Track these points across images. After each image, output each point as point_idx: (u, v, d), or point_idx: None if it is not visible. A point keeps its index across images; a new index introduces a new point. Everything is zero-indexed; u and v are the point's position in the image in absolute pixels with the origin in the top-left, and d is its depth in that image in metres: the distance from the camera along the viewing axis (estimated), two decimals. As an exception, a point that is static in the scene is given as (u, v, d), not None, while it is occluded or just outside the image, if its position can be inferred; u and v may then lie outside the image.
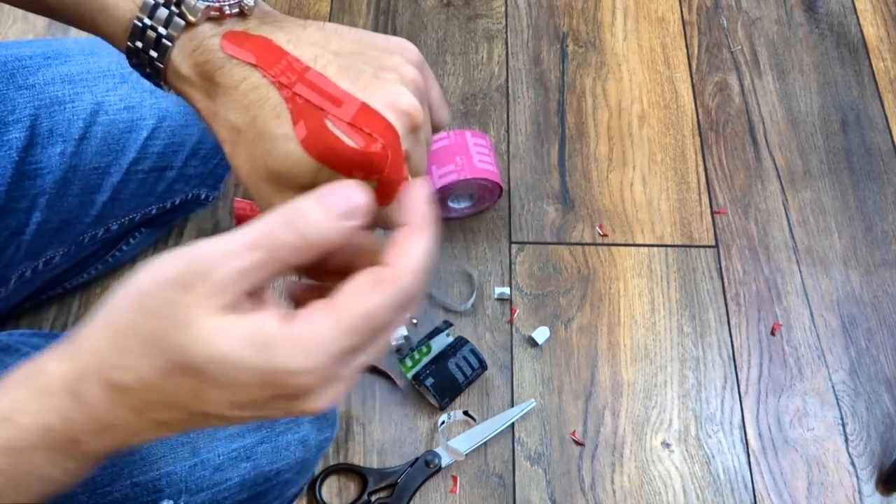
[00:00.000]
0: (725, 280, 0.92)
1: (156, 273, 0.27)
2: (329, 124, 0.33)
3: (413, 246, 0.29)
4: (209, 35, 0.34)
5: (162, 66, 0.35)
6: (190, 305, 0.26)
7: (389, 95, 0.33)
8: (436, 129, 0.39)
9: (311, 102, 0.33)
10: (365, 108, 0.33)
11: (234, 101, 0.34)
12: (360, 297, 0.27)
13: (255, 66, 0.33)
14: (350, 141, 0.32)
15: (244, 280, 0.27)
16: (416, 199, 0.31)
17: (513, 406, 0.84)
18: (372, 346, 0.29)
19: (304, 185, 0.33)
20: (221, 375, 0.26)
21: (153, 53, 0.35)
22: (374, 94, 0.33)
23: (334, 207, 0.28)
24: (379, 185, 0.34)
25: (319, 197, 0.28)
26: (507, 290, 0.89)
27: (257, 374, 0.26)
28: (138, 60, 0.36)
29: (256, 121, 0.33)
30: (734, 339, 0.89)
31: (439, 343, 0.82)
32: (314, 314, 0.27)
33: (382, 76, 0.34)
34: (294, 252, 0.27)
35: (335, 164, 0.33)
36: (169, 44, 0.35)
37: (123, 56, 0.36)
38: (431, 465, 0.79)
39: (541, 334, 0.86)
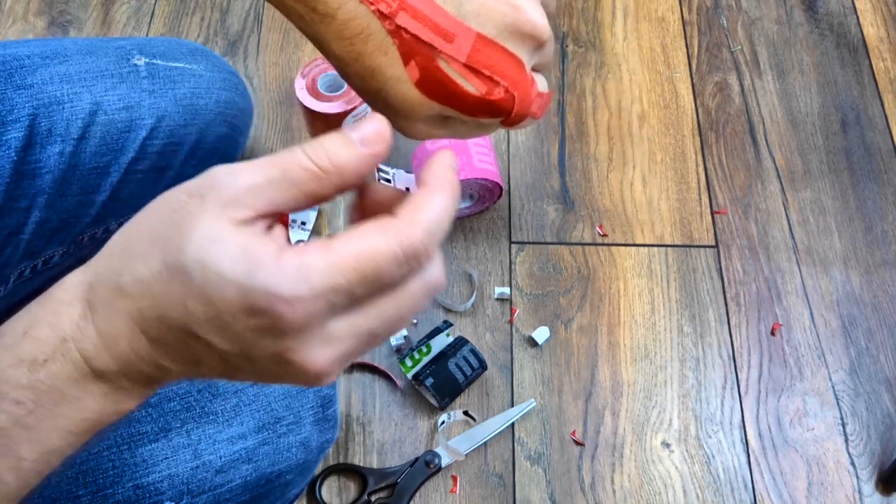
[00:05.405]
0: (725, 280, 0.92)
1: (180, 186, 0.27)
2: (443, 65, 0.29)
3: (426, 202, 0.26)
4: None
5: None
6: (197, 212, 0.26)
7: (507, 17, 0.29)
8: None
9: (419, 38, 0.29)
10: (481, 41, 0.29)
11: (333, 31, 0.30)
12: (357, 237, 0.25)
13: None
14: (470, 87, 0.29)
15: (256, 196, 0.26)
16: (440, 163, 0.28)
17: (513, 406, 0.83)
18: (372, 307, 0.27)
19: (429, 118, 0.31)
20: (203, 282, 0.25)
21: None
22: (490, 18, 0.29)
23: (351, 134, 0.27)
24: (507, 119, 0.32)
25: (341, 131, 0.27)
26: (507, 290, 0.89)
27: (237, 290, 0.25)
28: None
29: (362, 57, 0.30)
30: (734, 339, 0.89)
31: (439, 343, 0.82)
32: (309, 247, 0.26)
33: None
34: (310, 175, 0.26)
35: (456, 107, 0.30)
36: None
37: (121, 55, 0.36)
38: (431, 465, 0.79)
39: (541, 334, 0.86)
